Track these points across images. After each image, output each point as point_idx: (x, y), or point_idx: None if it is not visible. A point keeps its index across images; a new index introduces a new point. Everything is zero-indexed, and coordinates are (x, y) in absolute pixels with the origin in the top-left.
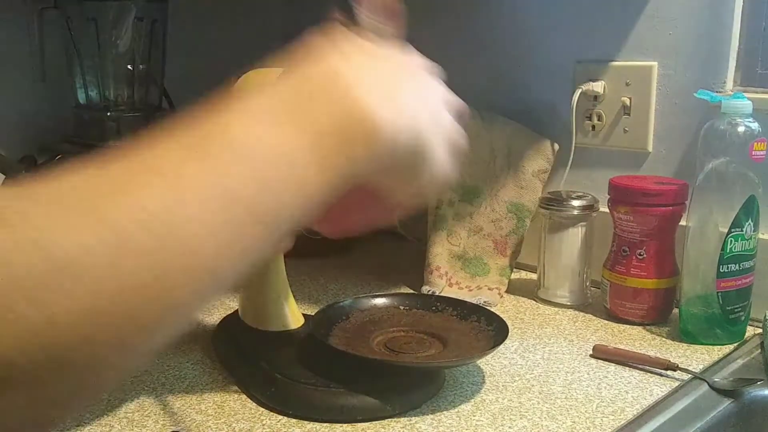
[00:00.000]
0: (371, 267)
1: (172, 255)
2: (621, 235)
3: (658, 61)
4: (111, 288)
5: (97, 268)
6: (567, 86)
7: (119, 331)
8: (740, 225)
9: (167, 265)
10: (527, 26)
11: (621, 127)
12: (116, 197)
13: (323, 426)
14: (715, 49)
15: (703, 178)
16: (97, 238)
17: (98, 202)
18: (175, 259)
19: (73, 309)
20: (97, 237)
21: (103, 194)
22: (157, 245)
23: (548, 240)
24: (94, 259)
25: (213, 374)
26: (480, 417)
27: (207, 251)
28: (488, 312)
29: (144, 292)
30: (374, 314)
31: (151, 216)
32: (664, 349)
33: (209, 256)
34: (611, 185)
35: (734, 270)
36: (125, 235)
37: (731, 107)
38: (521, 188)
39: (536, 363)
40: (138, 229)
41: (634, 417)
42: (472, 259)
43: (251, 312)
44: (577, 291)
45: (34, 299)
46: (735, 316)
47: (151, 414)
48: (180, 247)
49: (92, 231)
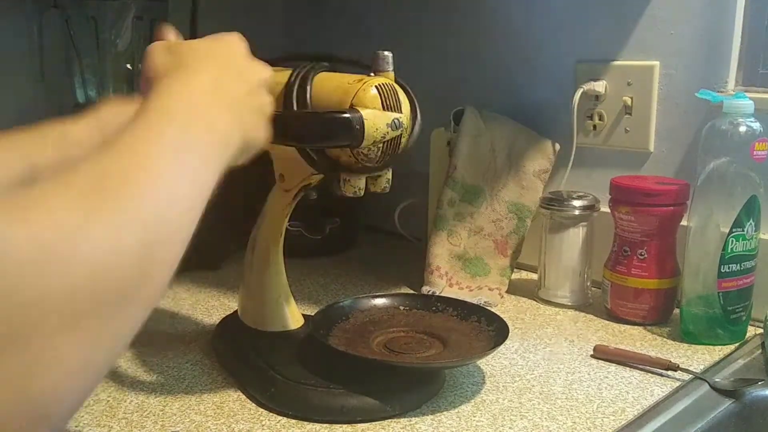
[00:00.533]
0: (371, 267)
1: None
2: (622, 235)
3: (659, 60)
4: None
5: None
6: (568, 86)
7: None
8: (741, 225)
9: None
10: (529, 26)
11: (622, 126)
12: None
13: (323, 426)
14: (717, 49)
15: (704, 178)
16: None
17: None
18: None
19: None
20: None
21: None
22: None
23: (549, 240)
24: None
25: (212, 375)
26: (480, 417)
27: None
28: (489, 312)
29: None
30: (374, 314)
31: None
32: (664, 350)
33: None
34: (612, 185)
35: (735, 270)
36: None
37: (733, 107)
38: (522, 188)
39: (537, 363)
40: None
41: (634, 417)
42: (473, 259)
43: (251, 312)
44: (577, 291)
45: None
46: (736, 316)
47: (150, 414)
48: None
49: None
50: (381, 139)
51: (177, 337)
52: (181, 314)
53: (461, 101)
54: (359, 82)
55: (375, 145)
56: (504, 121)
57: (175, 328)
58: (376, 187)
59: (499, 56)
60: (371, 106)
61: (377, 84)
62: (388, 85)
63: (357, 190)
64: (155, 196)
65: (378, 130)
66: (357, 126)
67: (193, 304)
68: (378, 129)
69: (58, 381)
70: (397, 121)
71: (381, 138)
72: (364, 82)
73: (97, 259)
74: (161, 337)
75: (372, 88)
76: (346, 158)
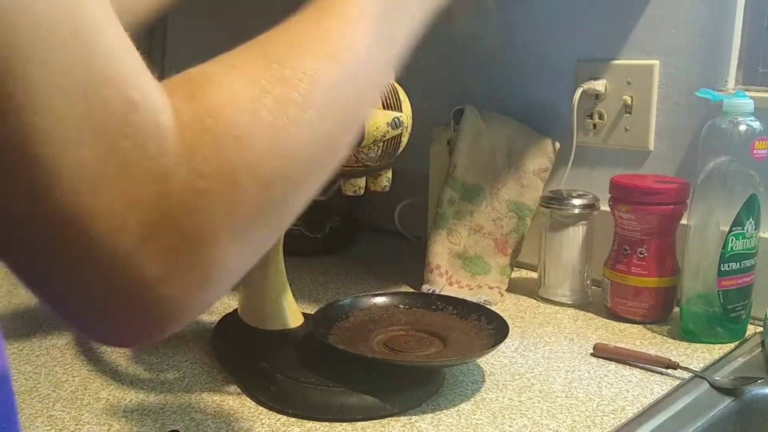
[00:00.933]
0: (371, 266)
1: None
2: (622, 234)
3: (659, 59)
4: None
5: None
6: (568, 85)
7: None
8: (741, 224)
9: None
10: (529, 25)
11: (622, 125)
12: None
13: (323, 425)
14: (717, 48)
15: (704, 177)
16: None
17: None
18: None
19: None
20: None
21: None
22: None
23: (549, 239)
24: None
25: (212, 373)
26: (480, 416)
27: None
28: (488, 311)
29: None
30: (374, 313)
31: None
32: (664, 348)
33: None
34: (612, 184)
35: (735, 269)
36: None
37: (733, 106)
38: (522, 187)
39: (536, 362)
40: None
41: (634, 415)
42: (473, 258)
43: (251, 311)
44: (577, 290)
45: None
46: (736, 315)
47: (150, 413)
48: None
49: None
50: (381, 138)
51: (177, 336)
52: None
53: (461, 100)
54: None
55: (375, 144)
56: (504, 120)
57: None
58: (376, 186)
59: (499, 55)
60: None
61: None
62: (388, 84)
63: (357, 188)
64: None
65: (378, 129)
66: None
67: None
68: (378, 128)
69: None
70: (397, 120)
71: (381, 137)
72: None
73: (275, 134)
74: None
75: None
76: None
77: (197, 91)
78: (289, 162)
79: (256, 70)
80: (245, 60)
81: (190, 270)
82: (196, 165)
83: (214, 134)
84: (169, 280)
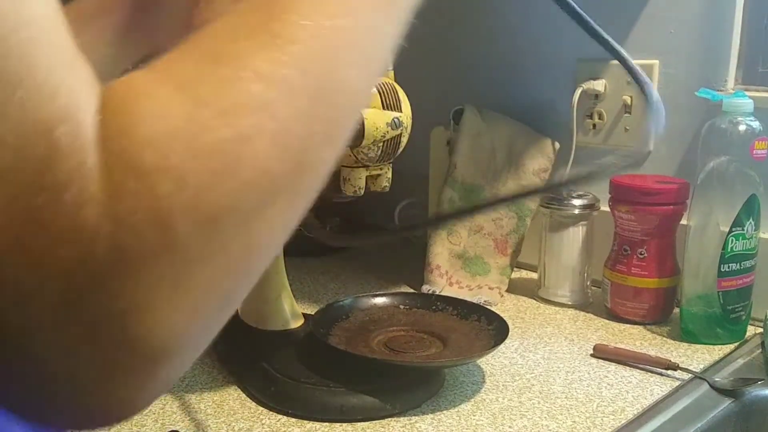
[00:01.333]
0: (371, 266)
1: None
2: (622, 234)
3: (659, 59)
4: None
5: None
6: (568, 84)
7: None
8: (741, 224)
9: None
10: (528, 24)
11: (622, 125)
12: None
13: (323, 425)
14: (716, 48)
15: (704, 177)
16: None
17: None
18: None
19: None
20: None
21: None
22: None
23: (549, 239)
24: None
25: (212, 373)
26: (480, 416)
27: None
28: (488, 311)
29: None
30: (374, 313)
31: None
32: (664, 349)
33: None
34: (612, 184)
35: (735, 269)
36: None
37: (732, 106)
38: (522, 187)
39: (536, 362)
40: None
41: (634, 416)
42: (473, 258)
43: (251, 311)
44: (577, 290)
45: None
46: (736, 316)
47: (150, 413)
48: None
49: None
50: (381, 138)
51: None
52: None
53: (461, 100)
54: None
55: (375, 144)
56: (504, 120)
57: None
58: (376, 187)
59: (499, 55)
60: (371, 105)
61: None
62: (388, 85)
63: (357, 189)
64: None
65: (378, 129)
66: (357, 125)
67: None
68: (378, 128)
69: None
70: (397, 120)
71: (381, 137)
72: None
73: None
74: None
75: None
76: (345, 157)
77: (123, 114)
78: (241, 194)
79: (192, 74)
80: (179, 64)
81: (129, 354)
82: (123, 215)
83: (140, 172)
84: (103, 371)
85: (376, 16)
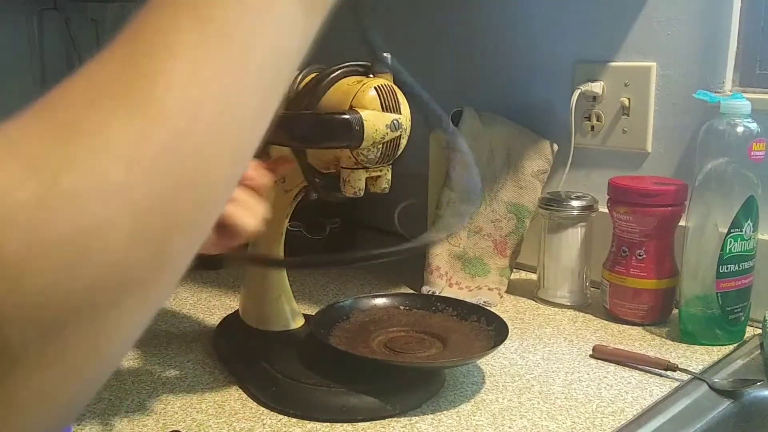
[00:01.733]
0: (371, 267)
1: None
2: (620, 236)
3: (656, 61)
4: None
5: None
6: (566, 87)
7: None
8: (739, 225)
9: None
10: (527, 27)
11: (620, 127)
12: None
13: (323, 425)
14: (714, 50)
15: (702, 178)
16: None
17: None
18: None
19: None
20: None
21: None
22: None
23: (548, 240)
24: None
25: (214, 374)
26: (480, 417)
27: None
28: (488, 312)
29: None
30: (374, 314)
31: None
32: (663, 350)
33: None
34: (610, 186)
35: (734, 270)
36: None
37: (730, 107)
38: (521, 189)
39: (536, 363)
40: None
41: (633, 417)
42: (472, 260)
43: (252, 312)
44: (576, 291)
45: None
46: (734, 317)
47: (151, 413)
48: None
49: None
50: (380, 140)
51: (178, 337)
52: (183, 314)
53: (460, 102)
54: (358, 84)
55: (375, 146)
56: (502, 122)
57: (177, 328)
58: (375, 188)
59: (497, 57)
60: (370, 107)
61: (376, 85)
62: (387, 87)
63: (357, 190)
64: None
65: (377, 131)
66: (356, 127)
67: (195, 303)
68: (378, 130)
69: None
70: (396, 122)
71: (381, 139)
72: (363, 83)
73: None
74: (163, 336)
75: (371, 90)
76: (345, 159)
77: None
78: (87, 292)
79: (45, 148)
80: (33, 132)
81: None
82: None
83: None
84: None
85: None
